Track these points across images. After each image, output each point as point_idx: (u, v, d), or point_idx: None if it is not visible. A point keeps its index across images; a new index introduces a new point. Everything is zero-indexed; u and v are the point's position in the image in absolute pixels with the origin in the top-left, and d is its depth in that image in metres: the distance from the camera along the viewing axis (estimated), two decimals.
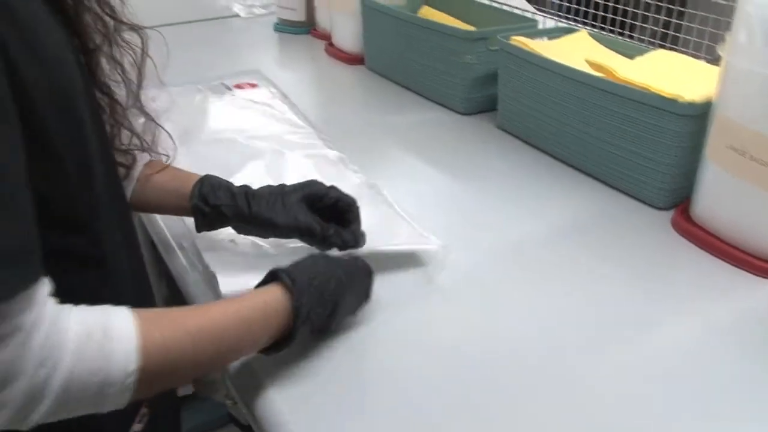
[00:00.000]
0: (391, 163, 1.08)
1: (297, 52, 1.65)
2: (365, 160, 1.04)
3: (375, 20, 1.41)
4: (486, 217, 0.91)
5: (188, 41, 1.74)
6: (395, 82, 1.40)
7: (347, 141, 1.11)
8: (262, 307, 0.59)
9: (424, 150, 1.12)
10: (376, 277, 0.70)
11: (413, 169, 1.06)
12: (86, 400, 0.46)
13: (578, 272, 0.79)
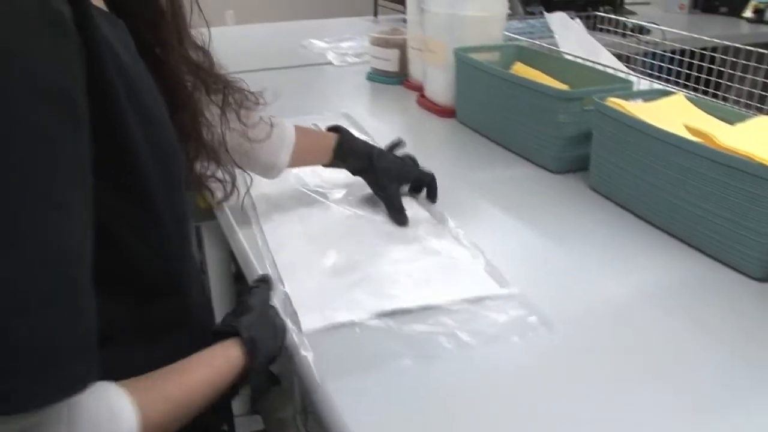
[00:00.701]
0: (479, 217, 1.09)
1: (389, 102, 1.68)
2: (454, 212, 1.05)
3: (468, 74, 1.44)
4: (575, 277, 0.91)
5: (283, 86, 1.79)
6: (486, 137, 1.41)
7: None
8: (227, 366, 0.64)
9: (514, 206, 1.12)
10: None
11: (502, 225, 1.06)
12: None
13: (671, 341, 0.77)
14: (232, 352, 0.65)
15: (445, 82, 1.52)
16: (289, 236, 1.01)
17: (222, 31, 2.70)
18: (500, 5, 1.50)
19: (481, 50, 1.47)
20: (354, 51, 2.06)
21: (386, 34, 1.80)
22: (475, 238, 0.98)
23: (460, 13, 1.45)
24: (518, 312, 0.81)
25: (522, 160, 1.30)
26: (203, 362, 0.63)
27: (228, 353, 0.65)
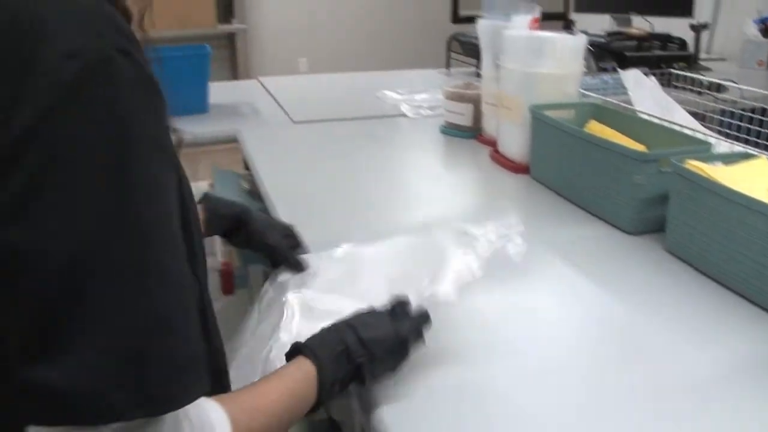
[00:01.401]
0: (551, 275, 1.08)
1: (462, 156, 1.70)
2: (524, 270, 1.05)
3: (543, 132, 1.44)
4: (649, 343, 0.89)
5: (358, 137, 1.84)
6: (560, 194, 1.40)
7: None
8: (304, 378, 0.70)
9: (586, 266, 1.11)
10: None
11: (573, 285, 1.05)
12: None
13: (757, 418, 0.75)
14: (306, 365, 0.71)
15: (520, 139, 1.52)
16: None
17: (295, 79, 2.79)
18: (576, 63, 1.50)
19: (557, 107, 1.47)
20: (428, 103, 2.09)
21: (460, 88, 1.82)
22: (546, 296, 0.97)
23: (536, 70, 1.47)
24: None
25: (596, 220, 1.29)
26: (281, 375, 0.70)
27: (301, 366, 0.71)
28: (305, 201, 1.39)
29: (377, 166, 1.61)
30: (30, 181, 0.47)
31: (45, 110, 0.47)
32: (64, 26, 0.49)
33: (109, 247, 0.49)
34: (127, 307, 0.49)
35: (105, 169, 0.49)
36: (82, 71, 0.48)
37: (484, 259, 0.89)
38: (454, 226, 0.96)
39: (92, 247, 0.48)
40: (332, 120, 2.00)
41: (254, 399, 0.65)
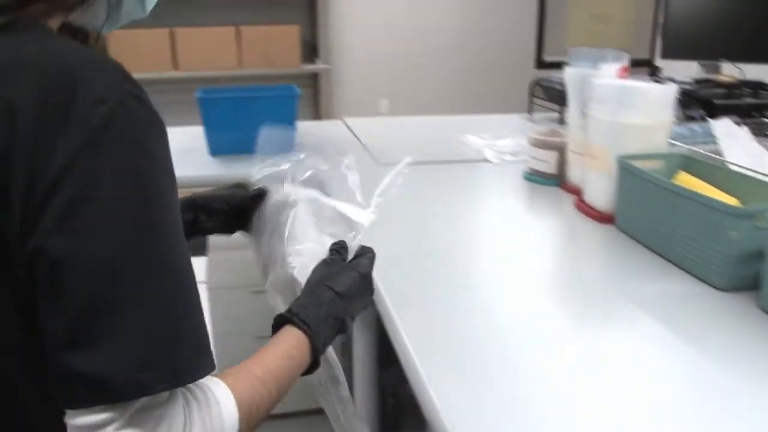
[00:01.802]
0: (636, 331, 1.06)
1: (545, 204, 1.69)
2: (608, 324, 1.03)
3: (630, 182, 1.42)
4: (740, 404, 0.86)
5: (441, 181, 1.86)
6: (647, 246, 1.38)
7: (589, 299, 1.12)
8: (297, 345, 0.80)
9: (675, 322, 1.08)
10: None
11: (661, 341, 1.02)
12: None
13: None
14: (296, 333, 0.81)
15: (606, 188, 1.51)
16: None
17: (379, 120, 2.84)
18: (666, 113, 1.49)
19: (645, 158, 1.45)
20: (511, 149, 2.10)
21: (545, 135, 1.82)
22: (631, 352, 0.95)
23: (625, 120, 1.46)
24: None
25: (685, 274, 1.26)
26: (276, 344, 0.79)
27: (293, 334, 0.81)
28: (388, 243, 1.40)
29: (460, 211, 1.62)
30: (68, 204, 0.58)
31: (80, 147, 0.59)
32: (90, 76, 0.61)
33: (139, 252, 0.61)
34: (155, 301, 0.61)
35: (129, 192, 0.61)
36: (107, 115, 0.60)
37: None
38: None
39: (125, 252, 0.60)
40: (416, 163, 2.02)
41: (254, 370, 0.73)
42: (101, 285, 0.59)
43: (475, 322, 1.08)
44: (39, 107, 0.59)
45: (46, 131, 0.58)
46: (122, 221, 0.60)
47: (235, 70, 5.22)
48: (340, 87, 5.87)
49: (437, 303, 1.14)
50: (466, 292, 1.19)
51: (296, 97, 2.16)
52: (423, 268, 1.29)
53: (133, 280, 0.60)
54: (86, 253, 0.58)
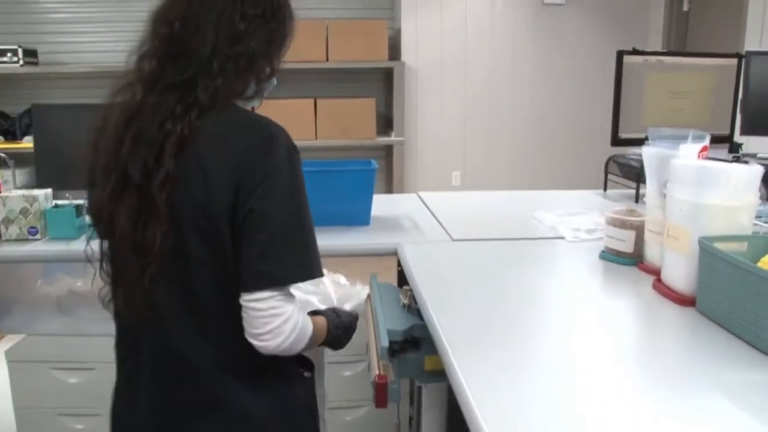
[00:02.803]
0: (724, 425, 1.02)
1: (622, 283, 1.66)
2: (691, 413, 1.00)
3: (712, 265, 1.39)
4: None
5: (516, 258, 1.86)
6: (730, 331, 1.33)
7: (669, 384, 1.10)
8: (323, 323, 1.49)
9: (762, 416, 1.04)
10: None
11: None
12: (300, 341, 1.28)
13: None
14: (323, 319, 1.49)
15: (686, 270, 1.48)
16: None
17: (451, 195, 2.86)
18: (751, 194, 1.45)
19: (728, 240, 1.42)
20: (586, 227, 2.08)
21: (622, 214, 1.81)
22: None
23: (707, 201, 1.44)
24: None
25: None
26: (317, 317, 1.47)
27: (321, 318, 1.49)
28: (462, 321, 1.41)
29: (535, 290, 1.61)
30: (267, 190, 1.20)
31: (275, 165, 1.22)
32: (277, 132, 1.26)
33: (297, 215, 1.24)
34: (305, 238, 1.26)
35: (293, 188, 1.24)
36: (287, 151, 1.25)
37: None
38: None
39: (291, 213, 1.24)
40: (491, 239, 2.03)
41: (315, 321, 1.37)
42: (280, 227, 1.21)
43: (552, 404, 1.06)
44: (258, 149, 1.22)
45: (260, 159, 1.21)
46: (290, 200, 1.23)
47: (313, 140, 5.39)
48: (413, 159, 5.96)
49: (510, 383, 1.13)
50: (542, 374, 1.18)
51: (374, 171, 2.22)
52: (497, 346, 1.28)
53: (298, 229, 1.24)
54: (273, 210, 1.21)
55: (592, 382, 1.15)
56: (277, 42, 1.33)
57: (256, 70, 1.30)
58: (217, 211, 1.20)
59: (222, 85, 1.23)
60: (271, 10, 1.30)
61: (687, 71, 2.80)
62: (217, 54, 1.23)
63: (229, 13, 1.24)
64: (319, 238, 2.04)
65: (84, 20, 5.64)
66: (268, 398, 1.33)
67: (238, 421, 1.29)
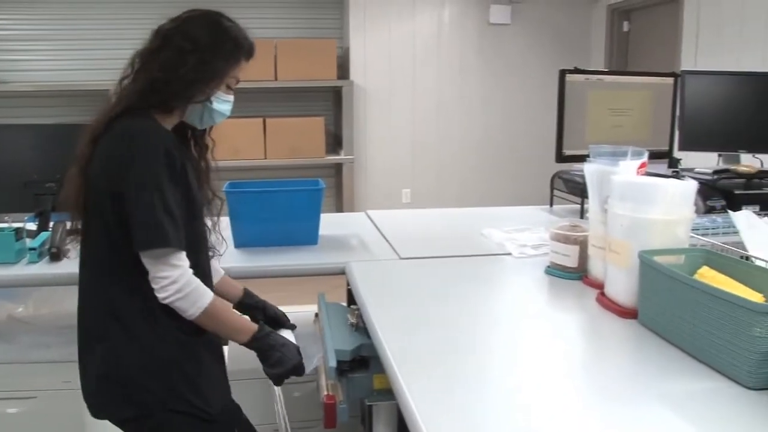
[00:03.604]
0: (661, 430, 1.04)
1: (567, 298, 1.69)
2: (631, 421, 1.02)
3: (652, 278, 1.43)
4: None
5: (462, 274, 1.88)
6: (671, 342, 1.37)
7: (611, 395, 1.13)
8: (249, 327, 1.58)
9: (703, 424, 1.06)
10: None
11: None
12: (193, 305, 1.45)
13: None
14: (254, 326, 1.59)
15: (628, 283, 1.51)
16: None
17: (400, 213, 2.88)
18: (686, 208, 1.50)
19: (667, 253, 1.46)
20: (532, 243, 2.11)
21: (566, 229, 1.84)
22: None
23: (646, 216, 1.47)
24: None
25: (711, 372, 1.24)
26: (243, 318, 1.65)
27: (252, 324, 1.60)
28: (410, 338, 1.41)
29: (482, 306, 1.63)
30: (131, 183, 1.41)
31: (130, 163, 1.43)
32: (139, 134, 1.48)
33: (157, 192, 1.41)
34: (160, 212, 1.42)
35: (147, 177, 1.43)
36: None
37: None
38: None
39: (156, 195, 1.41)
40: (438, 257, 2.04)
41: (227, 309, 1.55)
42: (146, 204, 1.40)
43: (500, 420, 1.07)
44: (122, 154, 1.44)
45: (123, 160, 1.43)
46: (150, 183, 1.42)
47: (262, 159, 5.37)
48: (363, 177, 5.97)
49: (458, 399, 1.14)
50: (490, 390, 1.19)
51: (321, 191, 2.21)
52: (445, 363, 1.29)
53: (157, 202, 1.41)
54: (137, 191, 1.40)
55: (540, 397, 1.16)
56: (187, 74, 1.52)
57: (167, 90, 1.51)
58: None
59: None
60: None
61: (626, 89, 2.87)
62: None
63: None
64: (266, 258, 1.98)
65: (26, 38, 5.52)
66: (138, 344, 1.49)
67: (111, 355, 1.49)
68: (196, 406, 1.51)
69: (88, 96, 5.20)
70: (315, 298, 1.97)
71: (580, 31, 6.22)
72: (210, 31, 1.53)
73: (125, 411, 1.49)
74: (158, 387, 1.48)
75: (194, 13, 1.55)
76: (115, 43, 5.38)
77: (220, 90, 1.57)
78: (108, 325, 1.48)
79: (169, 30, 1.52)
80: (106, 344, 1.48)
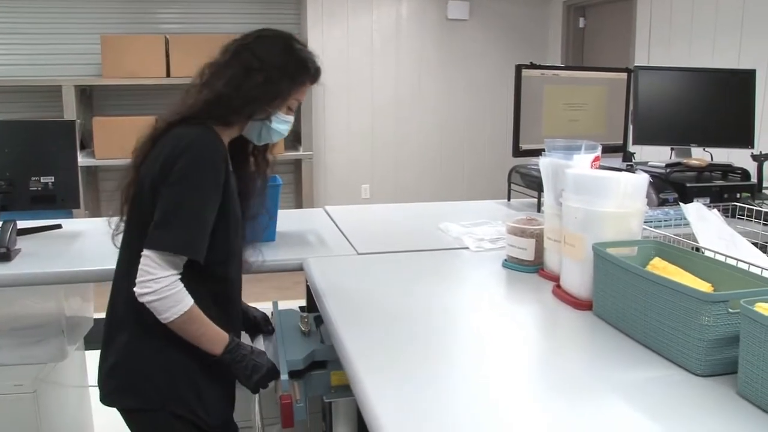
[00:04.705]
0: (618, 421, 1.06)
1: (524, 290, 1.71)
2: (585, 410, 1.03)
3: (606, 270, 1.45)
4: None
5: (420, 268, 1.88)
6: (624, 333, 1.39)
7: (565, 386, 1.14)
8: (224, 338, 1.52)
9: (654, 410, 1.08)
10: None
11: (639, 430, 1.03)
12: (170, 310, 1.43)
13: None
14: (227, 337, 1.52)
15: (582, 275, 1.53)
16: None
17: (358, 209, 2.87)
18: (639, 201, 1.53)
19: (620, 245, 1.49)
20: (489, 237, 2.13)
21: (522, 223, 1.86)
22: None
23: (599, 209, 1.50)
24: None
25: (663, 360, 1.27)
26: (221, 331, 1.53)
27: (226, 337, 1.52)
28: (367, 331, 1.41)
29: (439, 300, 1.63)
30: (174, 182, 1.44)
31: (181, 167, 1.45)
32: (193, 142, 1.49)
33: (193, 203, 1.44)
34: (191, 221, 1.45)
35: (192, 183, 1.45)
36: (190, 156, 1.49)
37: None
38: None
39: (187, 200, 1.44)
40: (396, 251, 2.04)
41: (204, 320, 1.48)
42: (172, 209, 1.43)
43: (458, 413, 1.07)
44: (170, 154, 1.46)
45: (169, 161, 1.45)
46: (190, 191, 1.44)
47: None
48: (322, 173, 5.95)
49: (416, 393, 1.14)
50: (446, 380, 1.19)
51: (278, 187, 2.20)
52: (403, 358, 1.29)
53: (185, 210, 1.44)
54: (171, 196, 1.43)
55: (498, 390, 1.17)
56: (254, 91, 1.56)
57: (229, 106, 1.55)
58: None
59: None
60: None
61: (581, 84, 2.91)
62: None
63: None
64: None
65: None
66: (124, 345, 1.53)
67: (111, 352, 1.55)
68: (197, 413, 1.51)
69: (38, 92, 5.09)
70: (274, 294, 1.96)
71: (536, 26, 6.28)
72: (279, 52, 1.56)
73: (129, 400, 1.52)
74: (164, 385, 1.50)
75: (266, 33, 1.59)
76: (67, 37, 5.25)
77: (281, 110, 1.59)
78: (131, 318, 1.50)
79: (240, 46, 1.55)
80: (127, 335, 1.51)
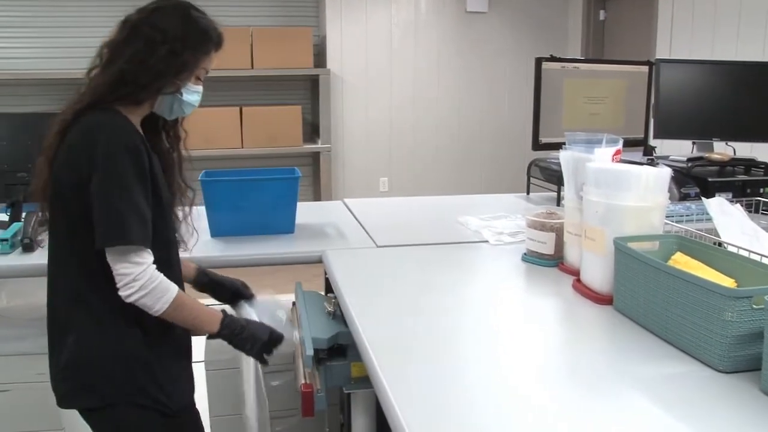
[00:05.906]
0: (638, 417, 1.05)
1: (543, 284, 1.70)
2: (605, 406, 1.02)
3: (627, 264, 1.44)
4: None
5: (439, 261, 1.88)
6: (645, 328, 1.38)
7: (586, 381, 1.14)
8: (216, 318, 1.56)
9: (676, 406, 1.07)
10: None
11: (660, 426, 1.02)
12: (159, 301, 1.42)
13: None
14: (220, 315, 1.56)
15: (603, 270, 1.52)
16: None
17: (377, 202, 2.87)
18: (661, 195, 1.51)
19: (641, 239, 1.47)
20: (509, 230, 2.12)
21: (542, 216, 1.85)
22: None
23: (620, 203, 1.48)
24: None
25: (684, 356, 1.26)
26: (212, 310, 1.56)
27: (218, 315, 1.56)
28: (387, 325, 1.41)
29: (459, 294, 1.63)
30: (99, 177, 1.40)
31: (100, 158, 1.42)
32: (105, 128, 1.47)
33: (121, 189, 1.40)
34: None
35: (115, 174, 1.42)
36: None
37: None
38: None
39: (117, 188, 1.40)
40: (415, 245, 2.04)
41: (193, 302, 1.51)
42: (111, 203, 1.39)
43: (478, 407, 1.07)
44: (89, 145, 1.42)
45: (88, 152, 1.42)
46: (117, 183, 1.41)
47: (239, 148, 5.33)
48: (341, 166, 5.96)
49: (435, 387, 1.14)
50: (465, 373, 1.19)
51: (297, 179, 2.20)
52: (422, 351, 1.29)
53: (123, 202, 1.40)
54: (104, 190, 1.39)
55: (516, 386, 1.17)
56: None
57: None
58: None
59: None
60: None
61: (602, 77, 2.89)
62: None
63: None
64: (243, 247, 1.97)
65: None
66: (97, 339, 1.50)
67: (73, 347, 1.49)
68: (159, 401, 1.51)
69: (59, 85, 5.12)
70: (292, 287, 1.96)
71: (556, 19, 6.23)
72: (180, 22, 1.51)
73: (89, 400, 1.49)
74: (123, 379, 1.48)
75: (163, 4, 1.53)
76: (88, 30, 5.30)
77: (189, 81, 1.56)
78: (76, 317, 1.48)
79: (138, 20, 1.49)
80: (74, 335, 1.48)
